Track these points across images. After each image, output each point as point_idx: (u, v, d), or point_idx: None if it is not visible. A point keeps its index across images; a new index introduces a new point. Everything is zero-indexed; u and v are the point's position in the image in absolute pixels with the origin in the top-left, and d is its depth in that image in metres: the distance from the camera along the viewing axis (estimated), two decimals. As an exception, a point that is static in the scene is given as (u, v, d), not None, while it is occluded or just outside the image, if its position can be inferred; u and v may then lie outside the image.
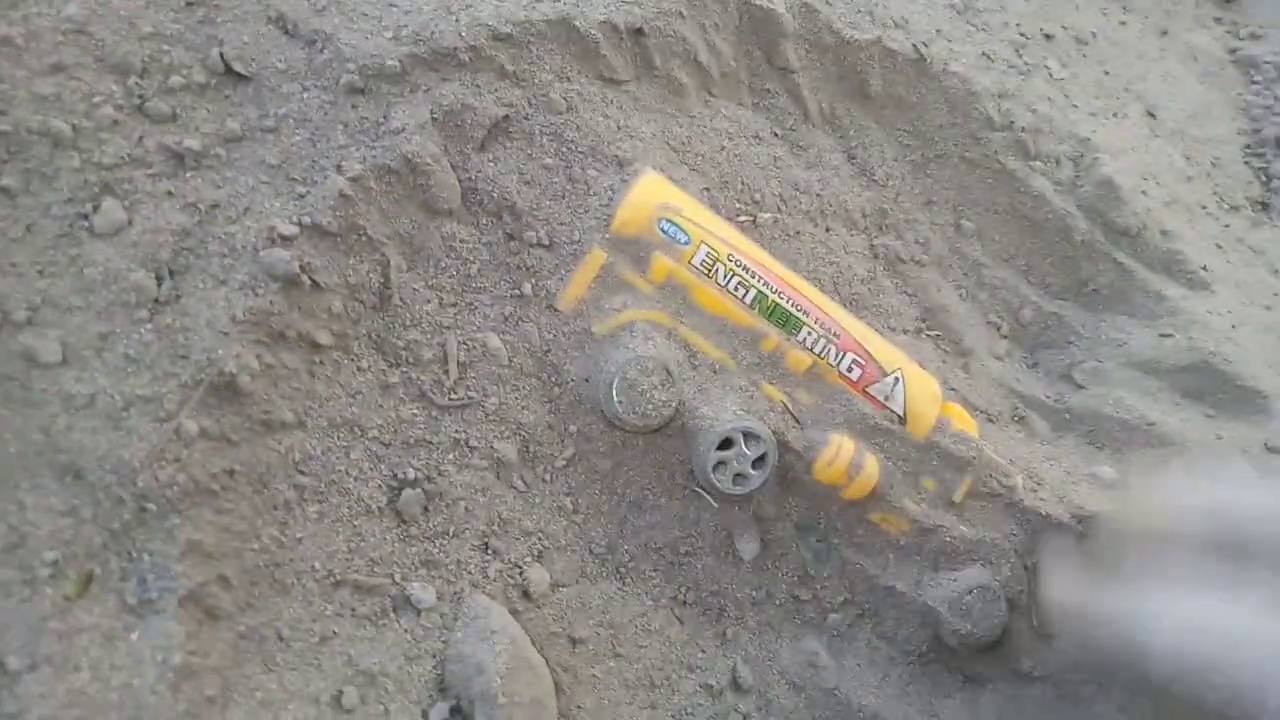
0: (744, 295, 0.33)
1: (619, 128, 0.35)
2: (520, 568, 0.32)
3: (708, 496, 0.33)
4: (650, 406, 0.31)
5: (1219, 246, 0.47)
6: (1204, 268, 0.44)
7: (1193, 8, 0.59)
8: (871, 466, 0.33)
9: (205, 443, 0.27)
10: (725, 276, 0.33)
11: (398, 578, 0.30)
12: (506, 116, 0.33)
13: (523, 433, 0.33)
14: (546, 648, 0.31)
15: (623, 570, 0.34)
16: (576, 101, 0.34)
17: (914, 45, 0.42)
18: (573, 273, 0.32)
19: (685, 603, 0.34)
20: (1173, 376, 0.41)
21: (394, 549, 0.30)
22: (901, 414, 0.35)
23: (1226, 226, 0.48)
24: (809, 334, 0.34)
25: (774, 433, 0.33)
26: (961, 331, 0.42)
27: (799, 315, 0.34)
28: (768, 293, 0.33)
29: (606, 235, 0.32)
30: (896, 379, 0.34)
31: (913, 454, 0.35)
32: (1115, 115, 0.49)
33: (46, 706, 0.24)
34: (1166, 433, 0.38)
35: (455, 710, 0.29)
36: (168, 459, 0.27)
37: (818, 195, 0.40)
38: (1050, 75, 0.47)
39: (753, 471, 0.32)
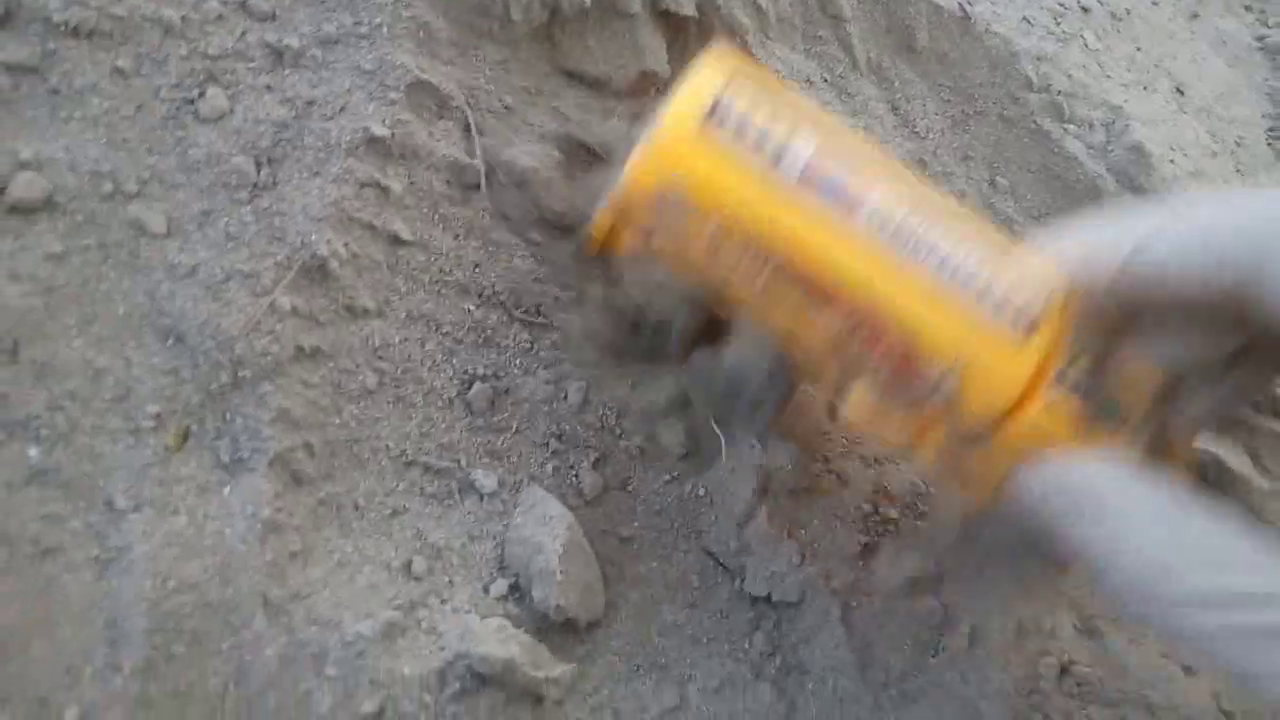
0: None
1: (682, 61, 0.36)
2: (576, 470, 0.34)
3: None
4: None
5: (1239, 218, 0.49)
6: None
7: (1223, -5, 0.62)
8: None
9: (296, 320, 0.29)
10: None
11: (464, 463, 0.32)
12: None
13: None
14: (597, 543, 0.33)
15: (668, 478, 0.35)
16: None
17: (960, 4, 0.44)
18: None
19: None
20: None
21: (461, 437, 0.32)
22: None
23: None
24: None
25: None
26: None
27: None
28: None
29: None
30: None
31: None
32: (1146, 89, 0.51)
33: (149, 544, 0.26)
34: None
35: (514, 587, 0.31)
36: (262, 330, 0.29)
37: (863, 142, 0.42)
38: (1086, 45, 0.49)
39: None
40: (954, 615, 0.34)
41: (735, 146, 0.25)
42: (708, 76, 0.26)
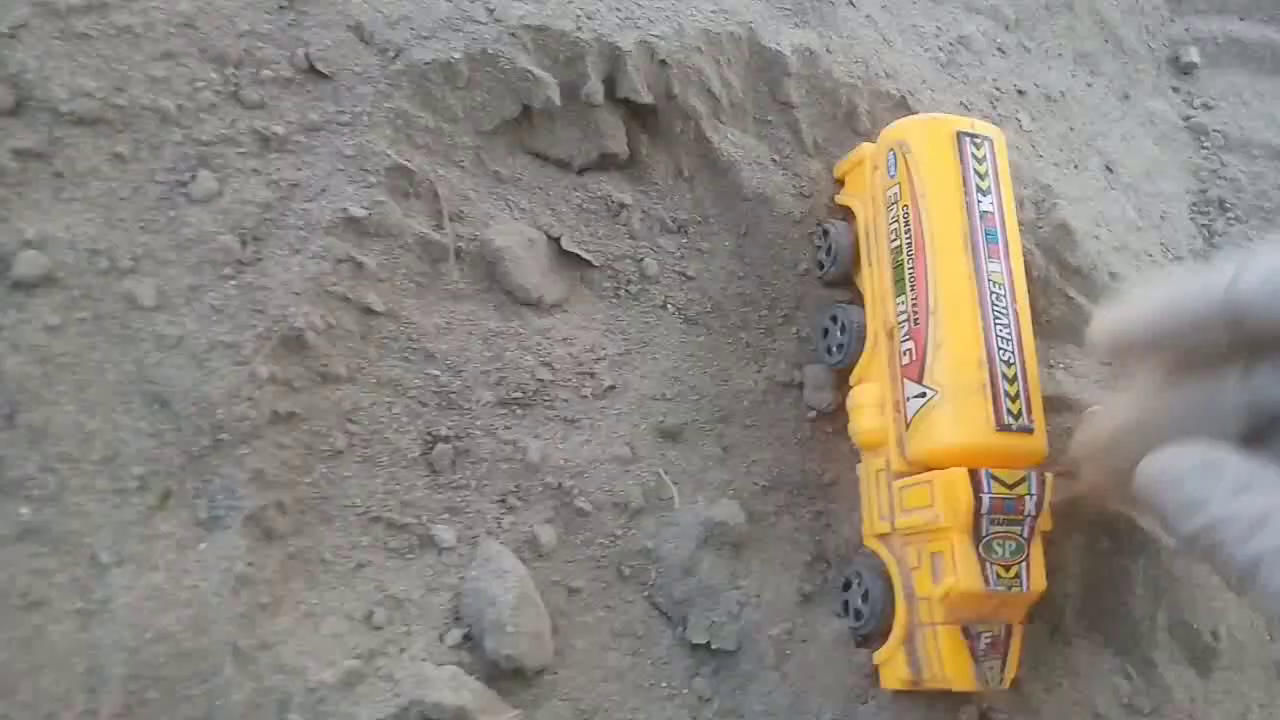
0: (893, 240, 0.36)
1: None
2: (530, 526, 0.36)
3: None
4: None
5: (1160, 291, 0.52)
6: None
7: (1153, 76, 0.66)
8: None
9: (274, 386, 0.32)
10: (893, 218, 0.36)
11: (424, 519, 0.35)
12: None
13: (540, 403, 0.37)
14: (546, 594, 0.36)
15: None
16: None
17: (901, 93, 0.47)
18: None
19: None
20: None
21: (423, 494, 0.35)
22: (907, 423, 0.34)
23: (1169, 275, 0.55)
24: (903, 302, 0.35)
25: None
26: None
27: (906, 283, 0.35)
28: (903, 248, 0.35)
29: None
30: (924, 394, 0.34)
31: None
32: (1076, 166, 0.55)
33: (130, 597, 0.28)
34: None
35: (467, 636, 0.33)
36: (242, 396, 0.31)
37: (809, 218, 0.45)
38: (1020, 126, 0.53)
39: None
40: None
41: (960, 160, 0.36)
42: (973, 122, 0.38)
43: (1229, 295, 0.26)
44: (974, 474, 0.32)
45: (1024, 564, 0.33)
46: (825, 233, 0.42)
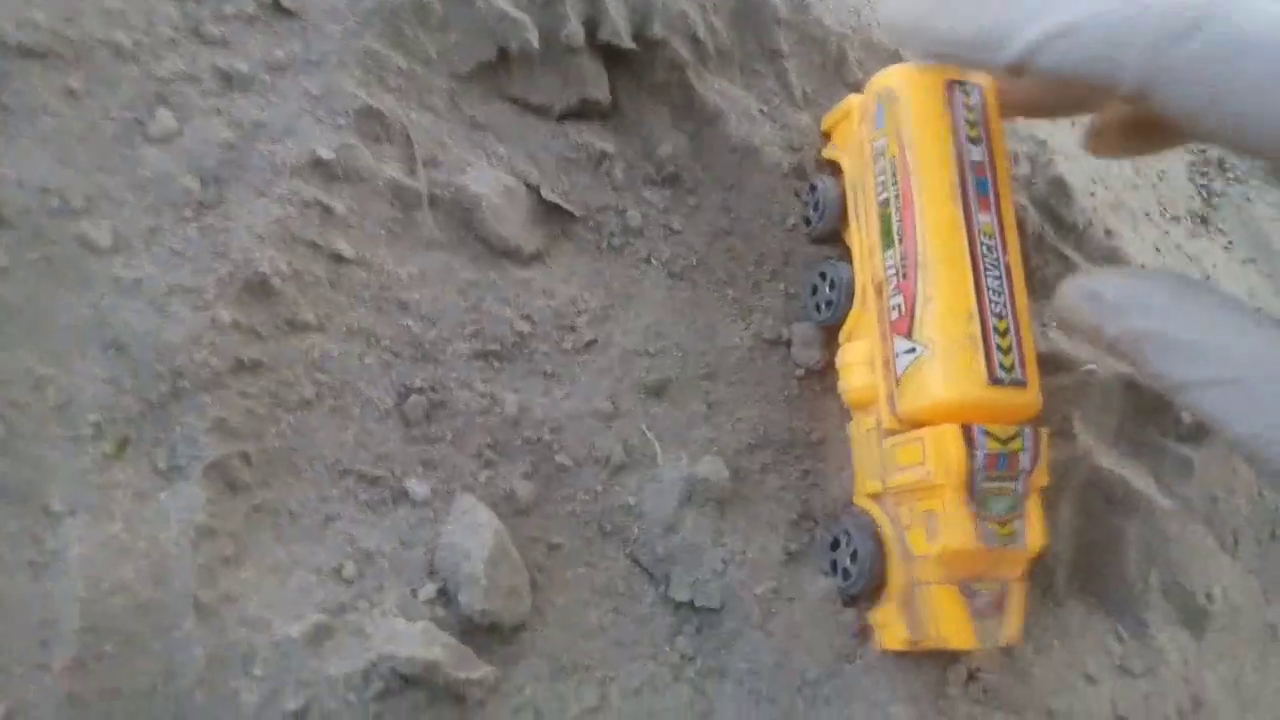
0: (881, 193, 0.35)
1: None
2: (509, 480, 0.35)
3: None
4: None
5: (1157, 250, 0.51)
6: (1141, 266, 0.49)
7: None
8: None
9: (237, 333, 0.31)
10: (880, 170, 0.35)
11: (398, 473, 0.33)
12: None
13: (518, 356, 0.36)
14: (526, 550, 0.35)
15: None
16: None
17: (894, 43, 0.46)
18: None
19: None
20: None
21: (397, 447, 0.34)
22: (897, 379, 0.33)
23: (1166, 233, 0.53)
24: (891, 256, 0.34)
25: None
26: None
27: (894, 236, 0.34)
28: (891, 200, 0.34)
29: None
30: (914, 350, 0.33)
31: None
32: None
33: (84, 548, 0.27)
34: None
35: (442, 592, 0.32)
36: (203, 343, 0.30)
37: (796, 171, 0.44)
38: (1016, 83, 0.52)
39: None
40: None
41: (950, 109, 0.34)
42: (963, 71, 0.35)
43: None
44: (966, 429, 0.31)
45: (1021, 520, 0.32)
46: (813, 188, 0.41)
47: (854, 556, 0.35)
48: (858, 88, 0.46)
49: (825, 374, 0.40)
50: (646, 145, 0.42)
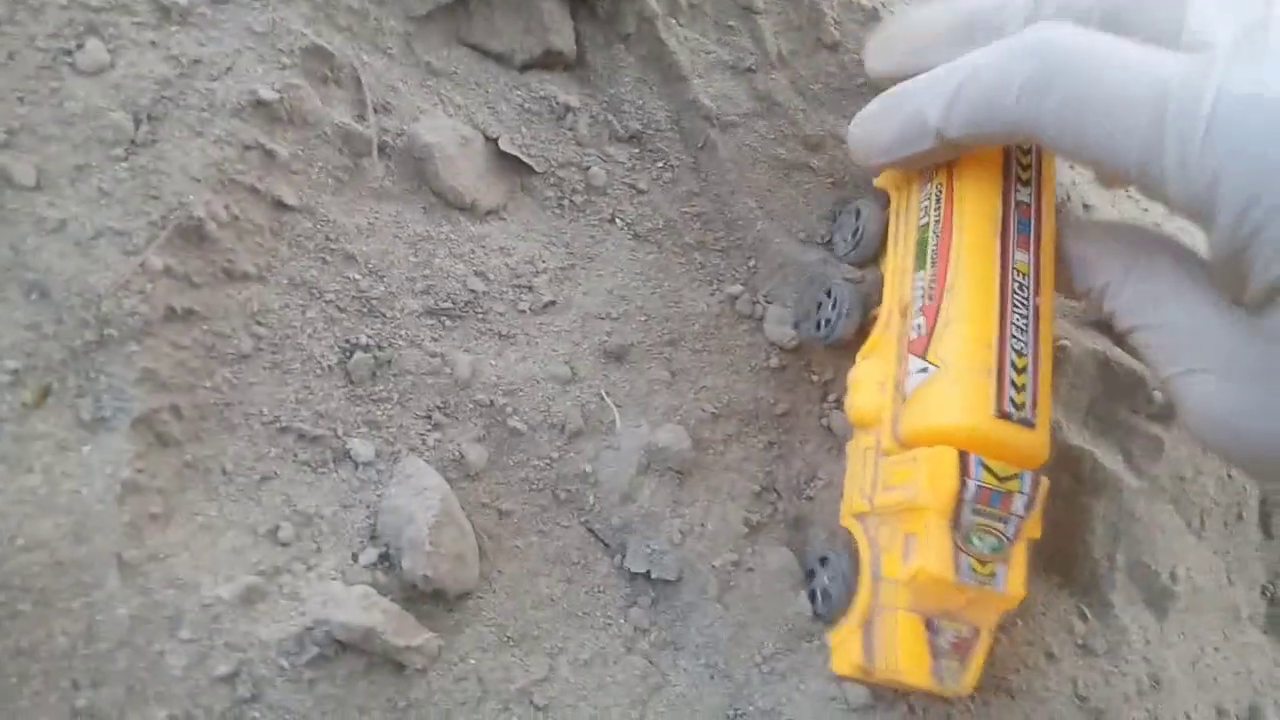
0: (922, 218, 0.34)
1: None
2: (458, 444, 0.34)
3: None
4: None
5: (1136, 227, 0.50)
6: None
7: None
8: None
9: (169, 280, 0.29)
10: (926, 195, 0.34)
11: (340, 432, 0.32)
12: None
13: (472, 315, 0.35)
14: (475, 515, 0.33)
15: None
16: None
17: (874, 4, 0.45)
18: None
19: (611, 490, 0.37)
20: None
21: (340, 405, 0.32)
22: (904, 399, 0.32)
23: (1145, 210, 0.52)
24: (921, 278, 0.33)
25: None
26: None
27: (927, 259, 0.32)
28: (930, 225, 0.33)
29: None
30: (926, 369, 0.31)
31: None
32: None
33: (0, 500, 0.26)
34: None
35: (384, 556, 0.31)
36: (132, 290, 0.28)
37: (770, 135, 0.42)
38: (1000, 52, 0.50)
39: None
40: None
41: (1005, 147, 0.33)
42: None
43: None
44: (963, 456, 0.30)
45: (1004, 565, 0.30)
46: (857, 213, 0.39)
47: (833, 580, 0.34)
48: (835, 48, 0.44)
49: (798, 351, 0.39)
50: (613, 100, 0.40)
